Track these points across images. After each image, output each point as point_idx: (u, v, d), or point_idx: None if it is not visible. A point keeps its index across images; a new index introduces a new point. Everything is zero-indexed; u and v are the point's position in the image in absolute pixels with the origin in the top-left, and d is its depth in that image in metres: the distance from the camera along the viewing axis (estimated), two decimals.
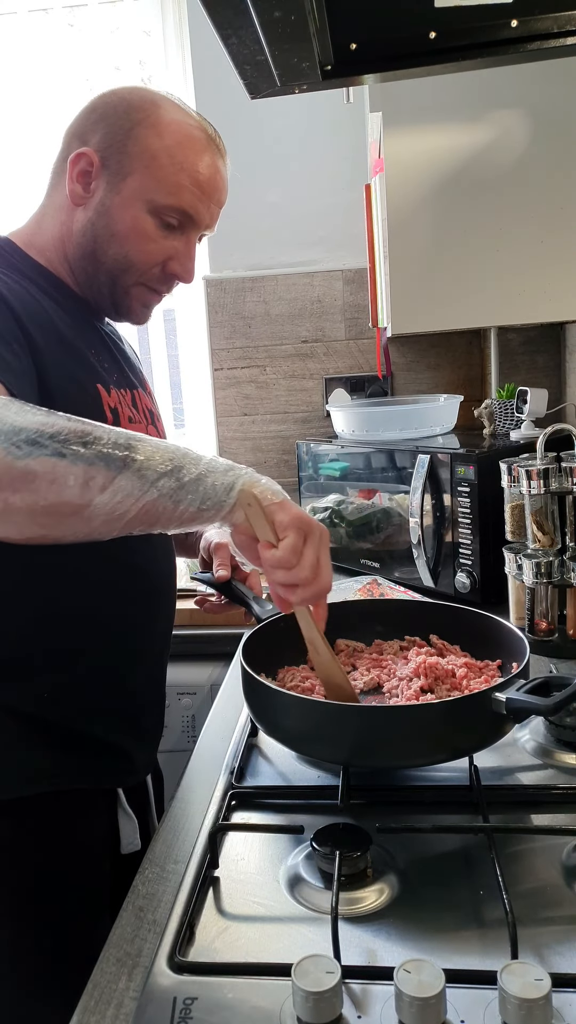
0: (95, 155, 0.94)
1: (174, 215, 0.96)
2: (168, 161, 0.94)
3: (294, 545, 0.77)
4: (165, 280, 1.00)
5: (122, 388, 1.00)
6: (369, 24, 0.91)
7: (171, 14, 2.06)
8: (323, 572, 0.79)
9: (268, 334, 2.10)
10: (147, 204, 0.94)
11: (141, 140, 0.94)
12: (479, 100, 1.46)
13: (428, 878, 0.74)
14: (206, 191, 0.97)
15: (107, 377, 0.98)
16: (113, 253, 0.96)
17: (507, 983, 0.54)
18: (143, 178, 0.94)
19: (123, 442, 0.73)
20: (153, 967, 0.64)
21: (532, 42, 0.92)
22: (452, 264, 1.52)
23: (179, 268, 0.99)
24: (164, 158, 0.94)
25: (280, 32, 0.85)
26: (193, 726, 1.52)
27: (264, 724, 0.91)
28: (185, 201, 0.95)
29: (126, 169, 0.94)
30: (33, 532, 0.72)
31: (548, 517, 1.22)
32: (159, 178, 0.94)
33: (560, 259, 1.49)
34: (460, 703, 0.84)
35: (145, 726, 1.07)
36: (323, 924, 0.66)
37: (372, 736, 0.82)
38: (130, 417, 0.99)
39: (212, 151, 0.98)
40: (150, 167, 0.94)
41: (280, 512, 0.78)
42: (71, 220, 0.97)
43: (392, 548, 1.62)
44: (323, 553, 0.80)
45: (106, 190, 0.95)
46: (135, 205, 0.94)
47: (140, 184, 0.94)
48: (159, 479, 0.73)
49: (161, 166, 0.94)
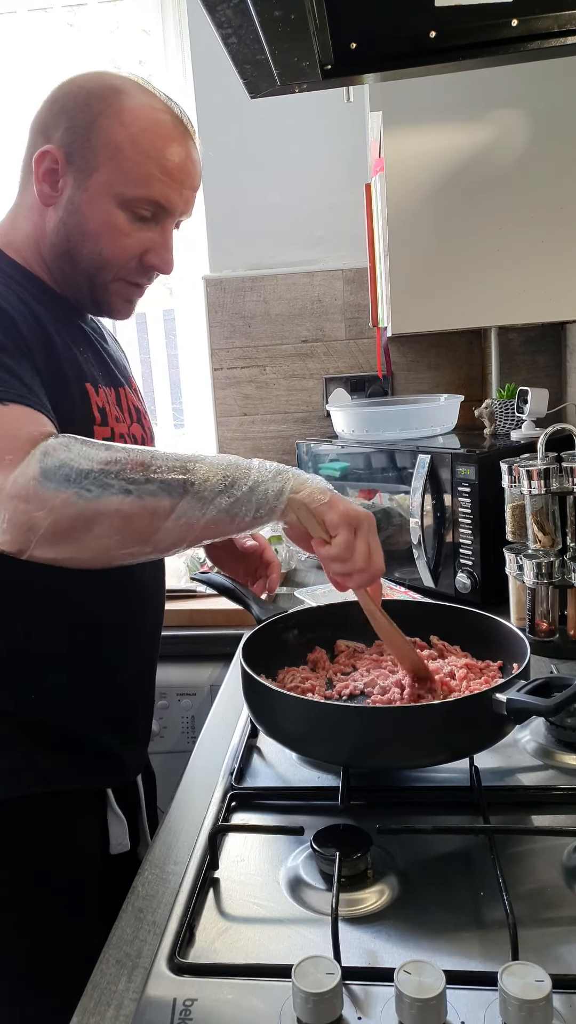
0: (59, 152, 0.91)
1: (146, 206, 0.92)
2: (134, 151, 0.90)
3: (346, 541, 0.82)
4: (144, 273, 0.97)
5: (108, 386, 0.99)
6: (369, 23, 0.91)
7: (171, 13, 2.06)
8: (375, 559, 0.84)
9: (268, 334, 2.10)
10: (116, 198, 0.91)
11: (104, 132, 0.90)
12: (479, 100, 1.46)
13: (428, 879, 0.73)
14: (176, 178, 0.93)
15: (94, 375, 0.97)
16: (88, 252, 0.93)
17: (507, 984, 0.54)
18: (110, 171, 0.90)
19: (179, 465, 0.78)
20: (153, 968, 0.64)
21: (532, 41, 0.92)
22: (452, 264, 1.52)
23: (157, 260, 0.96)
24: (129, 148, 0.90)
25: (280, 31, 0.85)
26: (193, 726, 1.52)
27: (264, 725, 0.91)
28: (156, 191, 0.92)
29: (92, 164, 0.90)
30: (105, 561, 0.79)
31: (549, 517, 1.22)
32: (126, 170, 0.90)
33: (560, 259, 1.49)
34: (461, 704, 0.84)
35: (136, 726, 1.06)
36: (323, 925, 0.65)
37: (372, 737, 0.82)
38: (117, 416, 0.97)
39: (180, 134, 0.93)
40: (116, 159, 0.90)
41: (329, 512, 0.82)
42: (43, 220, 0.95)
43: (392, 548, 1.62)
44: (373, 541, 0.84)
45: (74, 187, 0.92)
46: (104, 200, 0.91)
47: (107, 178, 0.90)
48: (216, 497, 0.78)
49: (127, 157, 0.90)
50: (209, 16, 0.87)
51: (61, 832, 0.94)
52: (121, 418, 0.99)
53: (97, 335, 1.05)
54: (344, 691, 0.98)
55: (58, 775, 0.94)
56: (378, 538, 0.86)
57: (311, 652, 1.07)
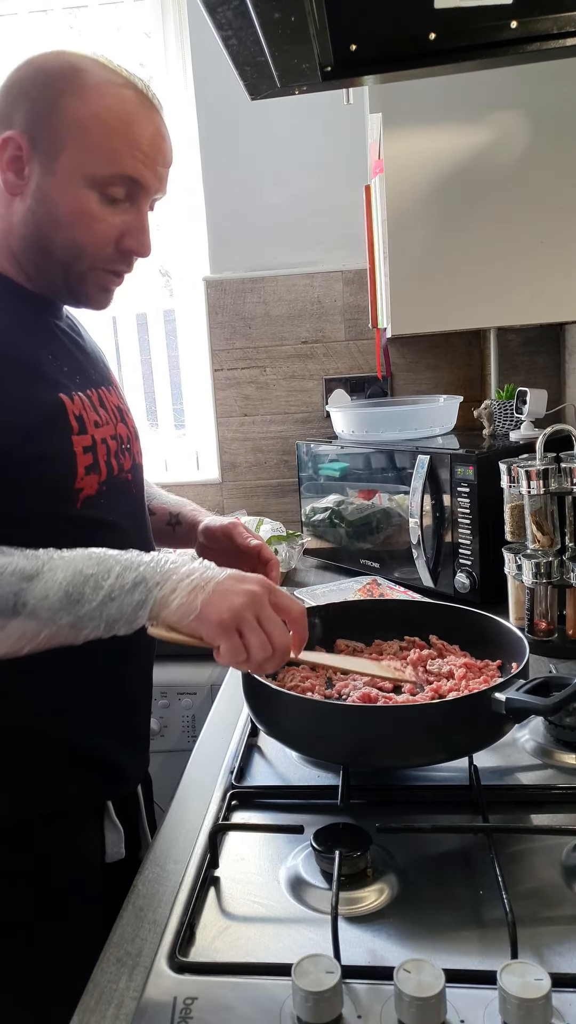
0: (22, 138, 0.86)
1: (118, 184, 0.87)
2: (99, 127, 0.85)
3: (233, 648, 0.76)
4: (122, 259, 0.93)
5: (87, 389, 0.94)
6: (369, 25, 0.91)
7: (171, 15, 2.06)
8: (276, 640, 0.78)
9: (268, 335, 2.10)
10: (86, 179, 0.86)
11: (67, 111, 0.85)
12: (479, 101, 1.46)
13: (428, 878, 0.74)
14: (147, 152, 0.88)
15: (68, 382, 0.91)
16: (61, 240, 0.88)
17: (507, 983, 0.54)
18: (76, 151, 0.85)
19: (14, 587, 0.74)
20: (153, 967, 0.64)
21: (532, 43, 0.92)
22: (452, 265, 1.52)
23: (134, 243, 0.91)
24: (94, 125, 0.85)
25: (280, 33, 0.85)
26: (193, 726, 1.52)
27: (264, 724, 0.91)
28: (126, 166, 0.87)
29: (57, 146, 0.86)
30: None
31: (547, 517, 1.22)
32: (93, 147, 0.85)
33: (560, 260, 1.49)
34: (460, 703, 0.84)
35: (136, 732, 1.03)
36: (323, 924, 0.66)
37: (372, 736, 0.82)
38: (96, 421, 0.92)
39: (146, 108, 0.89)
40: (81, 138, 0.85)
41: (201, 626, 0.76)
42: (10, 212, 0.89)
43: (392, 548, 1.62)
44: (266, 619, 0.78)
45: (41, 173, 0.86)
46: (74, 183, 0.86)
47: (74, 159, 0.86)
48: (55, 615, 0.75)
49: (92, 134, 0.85)
50: (209, 18, 0.87)
51: (61, 848, 0.91)
52: (102, 421, 0.94)
53: (73, 332, 1.00)
54: (343, 691, 0.98)
55: (61, 794, 0.91)
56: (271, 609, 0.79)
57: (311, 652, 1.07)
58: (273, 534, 1.78)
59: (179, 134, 2.10)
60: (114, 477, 0.95)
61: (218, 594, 0.77)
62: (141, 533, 1.01)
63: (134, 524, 0.99)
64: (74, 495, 0.89)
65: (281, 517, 2.03)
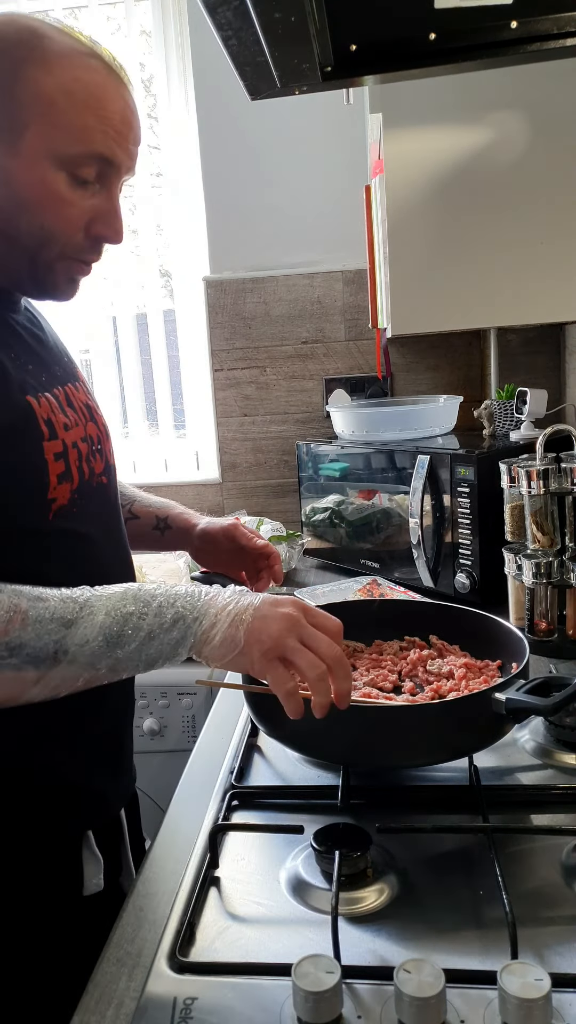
0: None
1: (89, 164, 0.80)
2: (67, 101, 0.77)
3: (279, 678, 0.73)
4: (92, 247, 0.85)
5: (53, 388, 0.86)
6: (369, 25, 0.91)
7: (171, 15, 2.06)
8: (325, 653, 0.74)
9: (268, 335, 2.10)
10: (54, 159, 0.78)
11: (31, 83, 0.76)
12: (479, 101, 1.46)
13: (428, 878, 0.74)
14: (119, 129, 0.80)
15: (34, 382, 0.83)
16: (26, 226, 0.80)
17: (507, 983, 0.54)
18: (43, 128, 0.77)
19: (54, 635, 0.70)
20: (153, 967, 0.64)
21: (532, 43, 0.92)
22: (452, 265, 1.52)
23: (106, 229, 0.83)
24: (62, 99, 0.76)
25: (280, 33, 0.85)
26: (193, 726, 1.52)
27: (264, 724, 0.91)
28: (98, 143, 0.79)
29: (19, 123, 0.76)
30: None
31: (548, 518, 1.22)
32: (62, 124, 0.77)
33: (560, 259, 1.49)
34: (460, 703, 0.84)
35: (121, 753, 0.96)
36: (323, 924, 0.66)
37: (372, 736, 0.82)
38: (65, 424, 0.84)
39: (115, 80, 0.81)
40: (48, 113, 0.76)
41: (246, 660, 0.74)
42: None
43: (392, 548, 1.62)
44: (309, 639, 0.74)
45: (3, 153, 0.77)
46: (41, 164, 0.78)
47: (40, 136, 0.77)
48: (95, 660, 0.72)
49: (61, 110, 0.77)
50: (209, 18, 0.87)
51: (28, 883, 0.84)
52: (72, 423, 0.86)
53: (33, 326, 0.91)
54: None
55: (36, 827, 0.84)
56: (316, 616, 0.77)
57: None
58: (273, 534, 1.78)
59: (179, 134, 2.11)
60: (86, 483, 0.87)
61: (258, 621, 0.74)
62: (117, 543, 0.95)
63: (110, 534, 0.93)
64: (46, 507, 0.81)
65: (281, 517, 2.03)
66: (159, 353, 2.23)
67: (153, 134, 2.19)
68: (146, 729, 1.53)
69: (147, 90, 2.18)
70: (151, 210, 2.17)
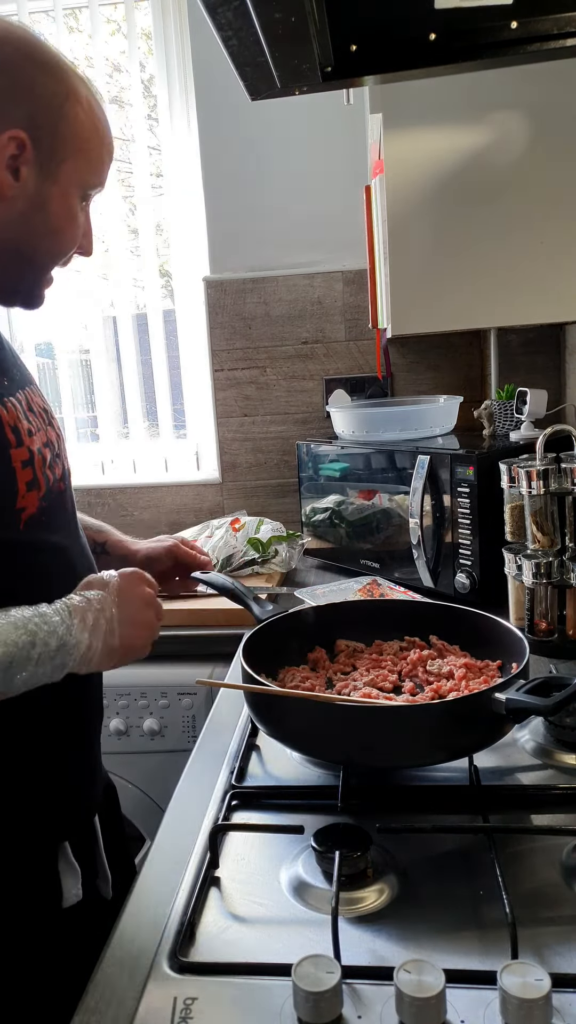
0: (26, 136, 0.80)
1: (94, 191, 0.88)
2: (95, 139, 0.85)
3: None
4: (70, 260, 0.91)
5: (15, 393, 0.86)
6: (369, 26, 0.91)
7: (171, 15, 2.06)
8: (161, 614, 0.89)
9: (268, 335, 2.10)
10: (79, 187, 0.85)
11: (72, 121, 0.83)
12: (479, 101, 1.46)
13: (428, 878, 0.74)
14: (112, 156, 0.89)
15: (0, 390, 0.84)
16: (47, 247, 0.86)
17: (507, 983, 0.54)
18: (76, 161, 0.84)
19: None
20: (153, 967, 0.64)
21: (532, 43, 0.92)
22: (452, 265, 1.52)
23: (87, 243, 0.91)
24: (92, 136, 0.85)
25: (280, 34, 0.85)
26: (193, 726, 1.52)
27: (264, 724, 0.91)
28: (105, 173, 0.88)
29: (60, 155, 0.83)
30: None
31: (548, 518, 1.22)
32: (91, 158, 0.85)
33: (560, 260, 1.49)
34: (460, 703, 0.84)
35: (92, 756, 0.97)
36: (323, 924, 0.66)
37: (372, 736, 0.82)
38: (29, 430, 0.84)
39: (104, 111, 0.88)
40: (83, 149, 0.84)
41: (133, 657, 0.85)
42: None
43: (392, 548, 1.62)
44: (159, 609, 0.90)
45: (40, 178, 0.82)
46: (71, 191, 0.85)
47: (75, 168, 0.84)
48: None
49: (91, 146, 0.85)
50: (210, 18, 0.87)
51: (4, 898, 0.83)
52: (35, 428, 0.86)
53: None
54: (344, 691, 0.98)
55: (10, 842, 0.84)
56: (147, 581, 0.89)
57: (311, 652, 1.07)
58: (273, 534, 1.78)
59: (179, 134, 2.11)
60: (51, 489, 0.87)
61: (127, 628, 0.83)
62: (83, 551, 0.95)
63: (76, 542, 0.93)
64: (16, 517, 0.81)
65: (281, 517, 2.03)
66: (159, 353, 2.23)
67: (153, 134, 2.19)
68: (146, 729, 1.53)
69: (147, 90, 2.18)
70: (151, 210, 2.17)
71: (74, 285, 2.20)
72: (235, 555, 1.73)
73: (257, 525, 1.82)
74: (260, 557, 1.73)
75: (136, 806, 1.53)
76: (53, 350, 2.27)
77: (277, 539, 1.76)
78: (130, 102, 2.16)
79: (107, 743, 1.52)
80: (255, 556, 1.73)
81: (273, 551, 1.74)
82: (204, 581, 1.17)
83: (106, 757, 1.61)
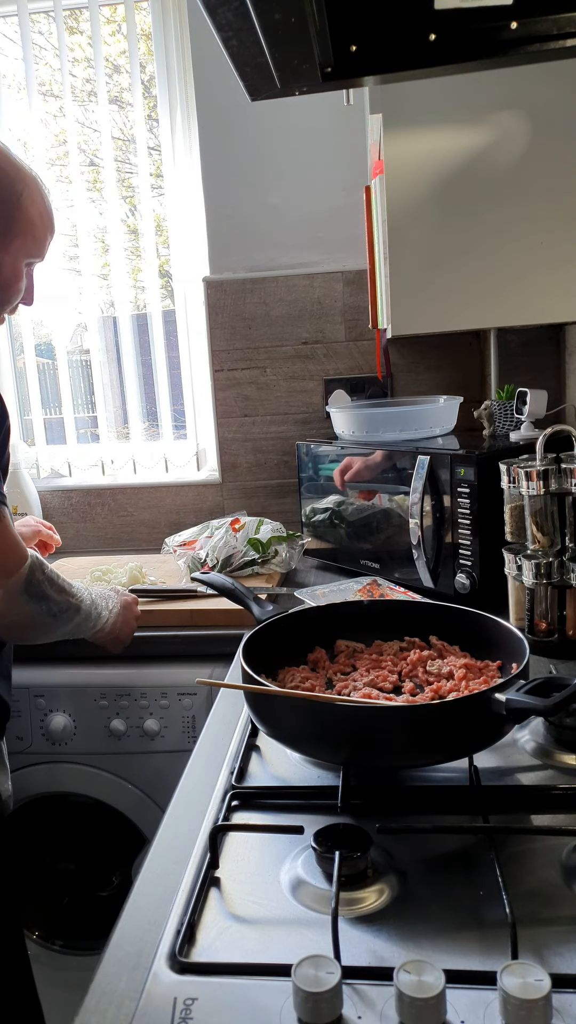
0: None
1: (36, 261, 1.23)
2: (40, 223, 1.20)
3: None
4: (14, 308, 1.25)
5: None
6: (369, 26, 0.91)
7: (171, 16, 2.06)
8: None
9: (268, 335, 2.10)
10: (26, 257, 1.20)
11: (25, 209, 1.17)
12: (479, 101, 1.46)
13: (428, 878, 0.74)
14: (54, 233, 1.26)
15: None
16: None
17: (507, 983, 0.54)
18: (25, 239, 1.18)
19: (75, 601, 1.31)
20: (153, 967, 0.64)
21: (532, 44, 0.92)
22: (452, 266, 1.52)
23: (30, 298, 1.26)
24: (39, 222, 1.19)
25: (280, 34, 0.85)
26: (193, 726, 1.52)
27: (264, 725, 0.91)
28: (46, 250, 1.24)
29: (12, 233, 1.17)
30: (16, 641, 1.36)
31: (548, 518, 1.22)
32: (36, 238, 1.20)
33: (560, 260, 1.49)
34: (460, 703, 0.84)
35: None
36: (323, 924, 0.66)
37: (372, 736, 0.82)
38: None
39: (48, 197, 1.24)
40: (30, 230, 1.18)
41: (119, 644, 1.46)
42: None
43: (392, 549, 1.62)
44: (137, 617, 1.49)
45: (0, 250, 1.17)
46: (19, 260, 1.19)
47: (23, 243, 1.18)
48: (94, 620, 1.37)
49: (37, 229, 1.20)
50: (209, 19, 0.87)
51: None
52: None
53: None
54: (344, 691, 0.98)
55: None
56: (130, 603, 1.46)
57: (311, 652, 1.08)
58: (273, 534, 1.78)
59: (179, 134, 2.11)
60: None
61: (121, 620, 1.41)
62: None
63: None
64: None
65: (281, 517, 2.03)
66: (159, 353, 2.23)
67: (153, 135, 2.19)
68: (146, 729, 1.53)
69: (147, 90, 2.18)
70: (151, 210, 2.17)
71: (74, 285, 2.20)
72: (235, 555, 1.73)
73: (257, 525, 1.82)
74: (260, 557, 1.73)
75: (136, 806, 1.53)
76: (53, 350, 2.27)
77: (277, 539, 1.76)
78: (130, 102, 2.16)
79: (107, 743, 1.53)
80: (255, 556, 1.73)
81: (273, 551, 1.74)
82: (204, 581, 1.17)
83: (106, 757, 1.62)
